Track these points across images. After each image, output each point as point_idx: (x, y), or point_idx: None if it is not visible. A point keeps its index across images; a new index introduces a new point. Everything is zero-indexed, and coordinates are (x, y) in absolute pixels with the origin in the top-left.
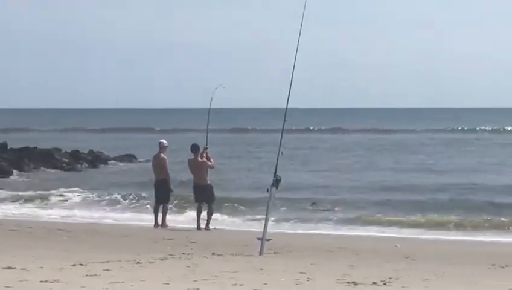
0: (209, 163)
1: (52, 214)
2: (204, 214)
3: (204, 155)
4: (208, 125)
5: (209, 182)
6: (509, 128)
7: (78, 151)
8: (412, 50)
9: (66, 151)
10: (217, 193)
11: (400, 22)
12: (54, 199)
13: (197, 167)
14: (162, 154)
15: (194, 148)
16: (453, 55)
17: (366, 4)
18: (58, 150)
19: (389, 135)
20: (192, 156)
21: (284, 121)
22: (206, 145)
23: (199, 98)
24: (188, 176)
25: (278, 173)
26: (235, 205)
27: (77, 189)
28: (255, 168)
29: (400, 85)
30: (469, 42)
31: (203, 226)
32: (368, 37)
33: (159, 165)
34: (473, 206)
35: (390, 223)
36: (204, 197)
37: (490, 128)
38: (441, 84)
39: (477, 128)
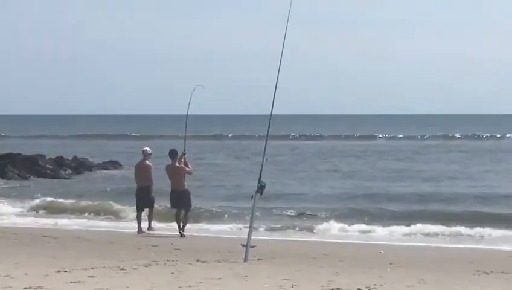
0: (187, 169)
1: (36, 221)
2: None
3: (182, 161)
4: (185, 130)
5: (186, 188)
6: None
7: (62, 157)
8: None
9: (50, 158)
10: (201, 200)
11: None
12: (36, 205)
13: (175, 173)
14: (146, 161)
15: (172, 154)
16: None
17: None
18: (42, 156)
19: (372, 141)
20: (170, 162)
21: (268, 127)
22: (184, 150)
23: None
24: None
25: (262, 180)
26: (218, 212)
27: (59, 197)
28: (238, 174)
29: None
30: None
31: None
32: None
33: (142, 172)
34: (453, 214)
35: (374, 230)
36: (181, 203)
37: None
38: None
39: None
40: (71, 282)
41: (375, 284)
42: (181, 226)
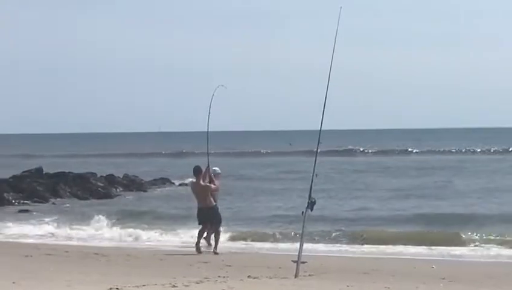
0: (213, 186)
1: (86, 238)
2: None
3: (207, 176)
4: (208, 141)
5: (214, 204)
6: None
7: (113, 175)
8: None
9: (101, 176)
10: (249, 217)
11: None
12: (88, 224)
13: (200, 191)
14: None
15: (196, 171)
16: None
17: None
18: (93, 174)
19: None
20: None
21: (318, 143)
22: (208, 165)
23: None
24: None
25: (312, 196)
26: (266, 229)
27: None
28: (278, 191)
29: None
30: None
31: (204, 249)
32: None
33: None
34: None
35: (424, 244)
36: (209, 220)
37: None
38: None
39: None
40: None
41: None
42: (213, 245)
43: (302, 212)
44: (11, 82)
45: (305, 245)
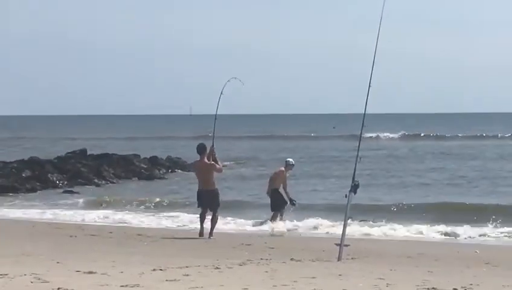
0: (217, 166)
1: (130, 220)
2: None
3: (211, 157)
4: (215, 123)
5: (215, 187)
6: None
7: (156, 157)
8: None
9: (144, 157)
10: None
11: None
12: (132, 205)
13: (204, 170)
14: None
15: (201, 149)
16: None
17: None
18: (136, 156)
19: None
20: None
21: (362, 126)
22: (213, 145)
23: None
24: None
25: (356, 179)
26: (308, 211)
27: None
28: (314, 174)
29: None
30: None
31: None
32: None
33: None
34: None
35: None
36: (208, 204)
37: None
38: None
39: None
40: (166, 280)
41: (471, 284)
42: (210, 229)
43: (346, 195)
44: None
45: (349, 228)
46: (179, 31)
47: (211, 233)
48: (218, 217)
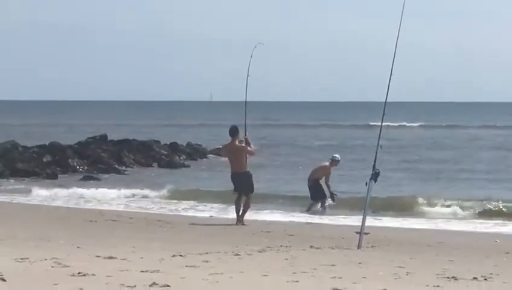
0: (249, 149)
1: (152, 206)
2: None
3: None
4: (245, 106)
5: (248, 170)
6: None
7: (176, 143)
8: None
9: (164, 144)
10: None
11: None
12: (151, 193)
13: (236, 152)
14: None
15: (233, 131)
16: None
17: None
18: (156, 142)
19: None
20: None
21: (383, 114)
22: (245, 133)
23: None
24: None
25: (376, 167)
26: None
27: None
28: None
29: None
30: None
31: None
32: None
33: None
34: None
35: (489, 218)
36: (241, 186)
37: None
38: None
39: None
40: (186, 266)
41: (491, 274)
42: (240, 214)
43: (366, 183)
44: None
45: (369, 217)
46: (196, 21)
47: (242, 219)
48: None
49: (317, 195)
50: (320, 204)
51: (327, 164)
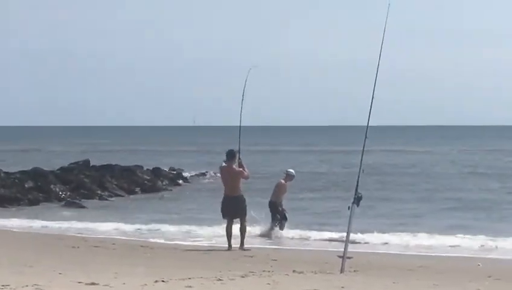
0: (245, 173)
1: (131, 231)
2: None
3: (237, 164)
4: (240, 130)
5: (241, 193)
6: None
7: (159, 168)
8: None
9: (147, 169)
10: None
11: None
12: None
13: (231, 176)
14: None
15: (230, 155)
16: None
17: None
18: (139, 167)
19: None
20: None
21: (365, 138)
22: (239, 155)
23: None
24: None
25: (359, 191)
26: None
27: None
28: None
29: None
30: None
31: (235, 245)
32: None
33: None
34: None
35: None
36: (234, 211)
37: None
38: None
39: None
40: None
41: None
42: (240, 239)
43: (349, 207)
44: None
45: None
46: (181, 41)
47: (242, 244)
48: (247, 226)
49: (276, 216)
50: (279, 225)
51: (283, 181)
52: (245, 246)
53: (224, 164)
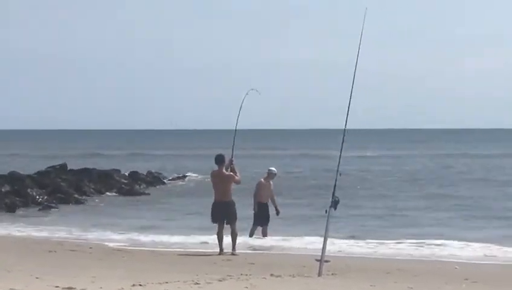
0: (236, 177)
1: (108, 235)
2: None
3: (229, 169)
4: (235, 136)
5: (231, 199)
6: None
7: (137, 172)
8: None
9: (125, 173)
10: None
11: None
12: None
13: (222, 181)
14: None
15: (219, 159)
16: None
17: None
18: (117, 171)
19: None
20: (216, 168)
21: (343, 142)
22: (232, 157)
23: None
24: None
25: (336, 195)
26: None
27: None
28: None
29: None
30: None
31: (226, 250)
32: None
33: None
34: None
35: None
36: (224, 216)
37: None
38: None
39: None
40: None
41: None
42: (232, 244)
43: (326, 211)
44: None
45: (330, 244)
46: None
47: (233, 248)
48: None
49: (260, 219)
50: (262, 229)
51: (263, 180)
52: (237, 250)
53: (215, 169)
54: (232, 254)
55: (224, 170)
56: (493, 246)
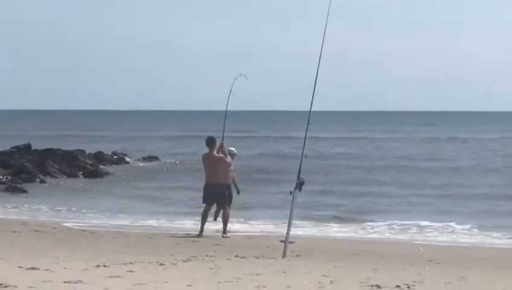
0: (227, 160)
1: (73, 215)
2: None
3: (221, 151)
4: (225, 120)
5: (224, 181)
6: None
7: (102, 152)
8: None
9: (90, 153)
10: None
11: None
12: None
13: (213, 163)
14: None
15: (209, 142)
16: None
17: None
18: (81, 151)
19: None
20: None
21: (308, 124)
22: (223, 140)
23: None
24: None
25: (301, 176)
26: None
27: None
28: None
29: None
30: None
31: (207, 233)
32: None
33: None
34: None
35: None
36: (213, 198)
37: None
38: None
39: None
40: (110, 277)
41: (414, 281)
42: (222, 227)
43: (291, 192)
44: None
45: (294, 226)
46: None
47: (224, 231)
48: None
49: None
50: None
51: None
52: (226, 234)
53: (206, 152)
54: (222, 237)
55: (215, 152)
56: (457, 228)
